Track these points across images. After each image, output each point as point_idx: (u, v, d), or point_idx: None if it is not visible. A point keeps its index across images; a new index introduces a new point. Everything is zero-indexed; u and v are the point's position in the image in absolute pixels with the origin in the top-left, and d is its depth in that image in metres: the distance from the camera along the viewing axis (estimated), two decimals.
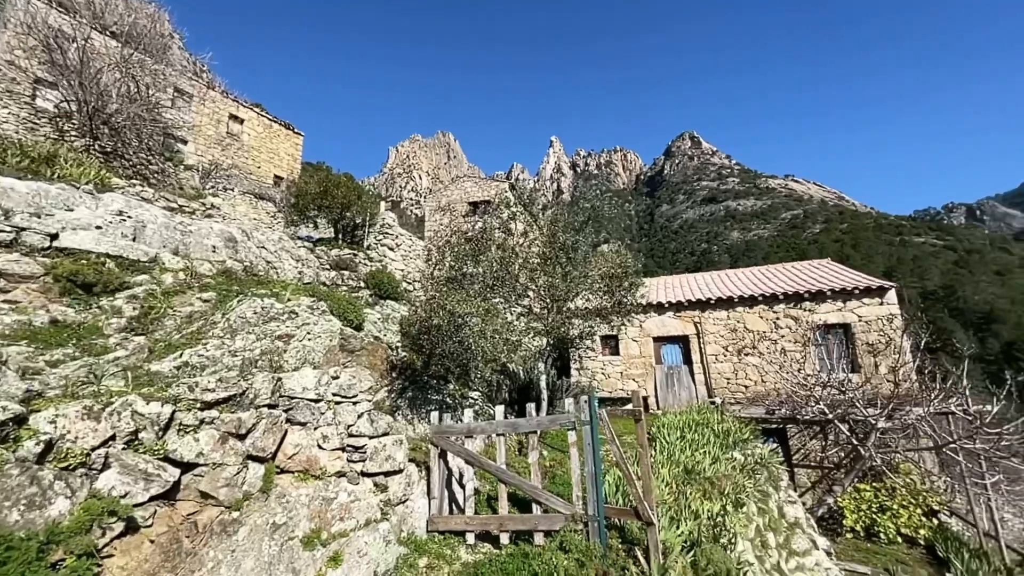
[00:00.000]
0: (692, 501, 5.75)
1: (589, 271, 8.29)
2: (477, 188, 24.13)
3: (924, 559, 9.84)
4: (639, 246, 50.29)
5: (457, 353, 7.05)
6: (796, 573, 6.60)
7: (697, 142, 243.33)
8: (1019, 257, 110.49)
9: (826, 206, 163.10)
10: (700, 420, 9.34)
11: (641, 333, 15.51)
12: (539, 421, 5.23)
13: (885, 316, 12.94)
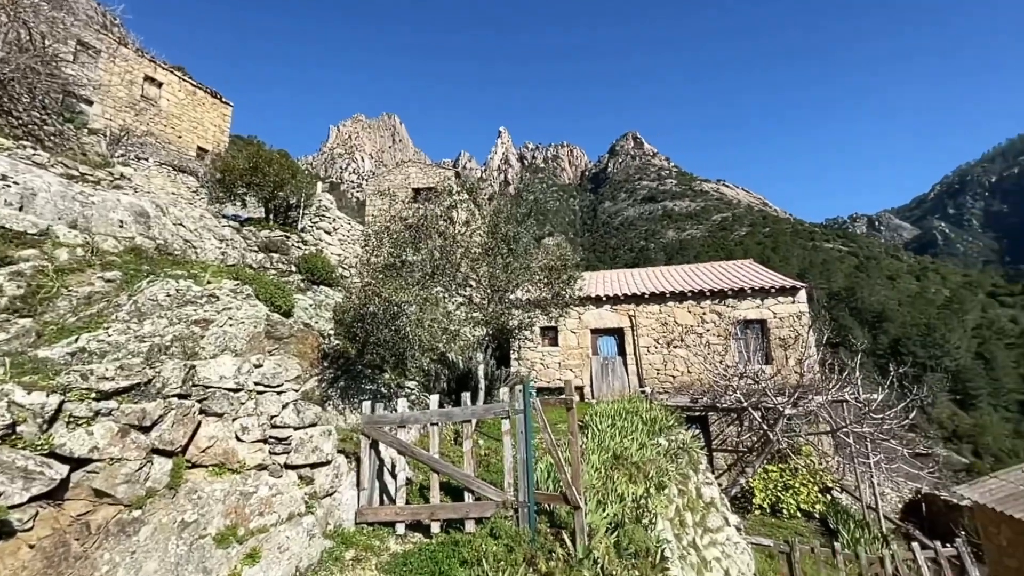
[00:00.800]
0: (618, 485, 6.02)
1: (530, 263, 8.39)
2: (422, 174, 23.59)
3: (818, 530, 11.02)
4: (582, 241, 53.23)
5: (393, 342, 6.89)
6: (710, 548, 7.14)
7: (640, 143, 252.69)
8: (907, 264, 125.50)
9: (752, 211, 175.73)
10: (630, 408, 9.77)
11: (580, 325, 15.97)
12: (474, 410, 5.24)
13: (796, 313, 14.22)
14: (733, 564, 7.29)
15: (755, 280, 15.50)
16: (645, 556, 4.69)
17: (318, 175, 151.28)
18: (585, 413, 9.79)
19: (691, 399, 13.10)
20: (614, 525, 5.07)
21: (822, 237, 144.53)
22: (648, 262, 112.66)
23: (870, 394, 10.90)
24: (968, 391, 71.76)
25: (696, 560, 6.36)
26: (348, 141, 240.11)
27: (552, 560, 4.32)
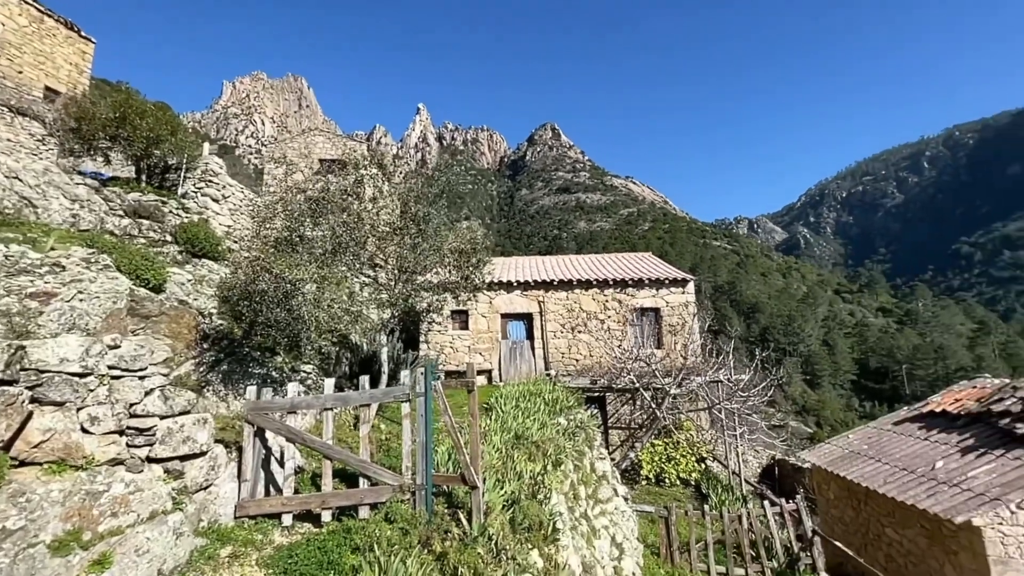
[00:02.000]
0: (518, 464, 6.22)
1: (441, 245, 8.23)
2: (331, 145, 22.04)
3: (694, 495, 12.40)
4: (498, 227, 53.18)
5: (287, 323, 6.38)
6: (599, 517, 7.69)
7: (557, 134, 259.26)
8: (776, 263, 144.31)
9: (655, 208, 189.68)
10: (534, 391, 10.13)
11: (491, 309, 16.14)
12: (372, 394, 5.06)
13: (685, 303, 15.67)
14: (619, 530, 7.94)
15: (652, 272, 16.78)
16: (538, 529, 4.91)
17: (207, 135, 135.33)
18: (491, 396, 9.96)
19: (591, 381, 13.94)
20: (511, 502, 5.23)
21: (711, 236, 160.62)
22: (560, 251, 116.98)
23: (740, 375, 12.48)
24: (815, 372, 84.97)
25: (586, 529, 6.82)
26: (245, 101, 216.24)
27: (448, 540, 4.35)
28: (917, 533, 9.23)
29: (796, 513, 9.11)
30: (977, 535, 7.74)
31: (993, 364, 73.69)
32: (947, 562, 8.50)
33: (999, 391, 10.82)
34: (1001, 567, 7.57)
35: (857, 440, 12.73)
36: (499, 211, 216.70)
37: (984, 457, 9.19)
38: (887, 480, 10.00)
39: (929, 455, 10.04)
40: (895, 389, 77.41)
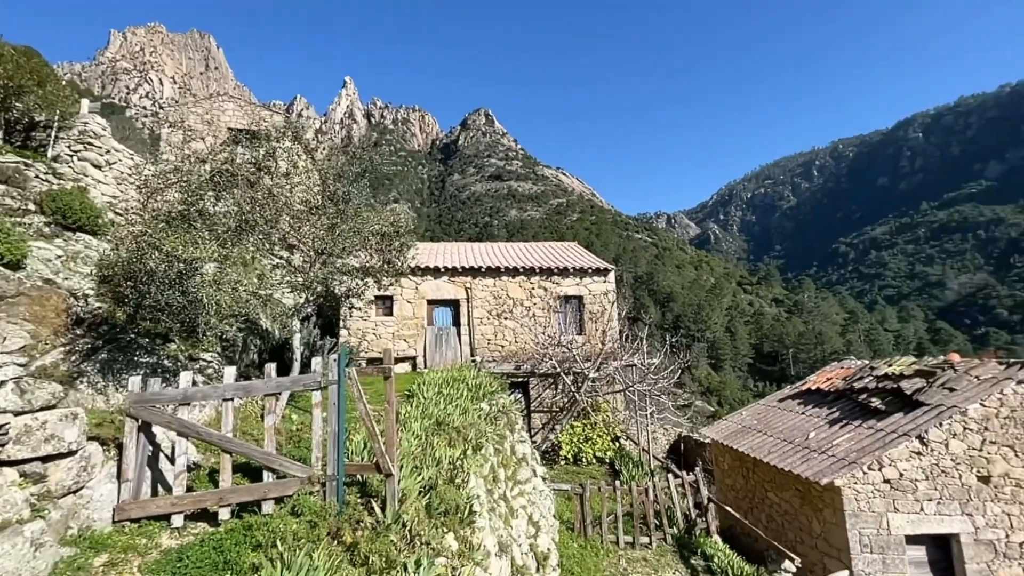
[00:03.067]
0: (437, 450, 6.20)
1: (362, 226, 7.85)
2: (242, 113, 20.11)
3: (608, 472, 13.16)
4: (428, 211, 51.93)
5: (181, 306, 5.76)
6: (518, 498, 7.92)
7: (491, 120, 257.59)
8: (690, 256, 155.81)
9: (583, 199, 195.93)
10: (458, 377, 10.12)
11: (416, 295, 15.81)
12: (280, 382, 4.75)
13: (606, 291, 16.42)
14: (536, 509, 8.24)
15: (577, 261, 17.36)
16: (455, 513, 4.94)
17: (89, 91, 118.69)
18: (413, 383, 9.81)
19: (515, 367, 14.22)
20: (428, 488, 5.21)
21: (634, 228, 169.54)
22: (491, 238, 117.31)
23: (652, 359, 13.40)
24: (719, 356, 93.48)
25: (505, 510, 6.99)
26: (139, 55, 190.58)
27: (360, 530, 4.24)
28: (792, 495, 10.54)
29: (695, 484, 10.02)
30: (838, 493, 8.99)
31: (859, 348, 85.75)
32: (814, 518, 9.80)
33: (859, 371, 12.58)
34: (854, 519, 8.85)
35: (748, 416, 14.23)
36: (430, 195, 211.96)
37: (846, 427, 10.65)
38: (771, 451, 11.29)
39: (804, 427, 11.45)
40: (783, 370, 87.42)
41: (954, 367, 10.42)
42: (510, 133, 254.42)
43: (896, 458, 8.92)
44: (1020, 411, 8.97)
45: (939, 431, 8.96)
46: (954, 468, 8.82)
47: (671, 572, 8.31)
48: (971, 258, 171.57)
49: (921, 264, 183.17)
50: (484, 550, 5.05)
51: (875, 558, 8.64)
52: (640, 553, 8.88)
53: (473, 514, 5.10)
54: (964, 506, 8.71)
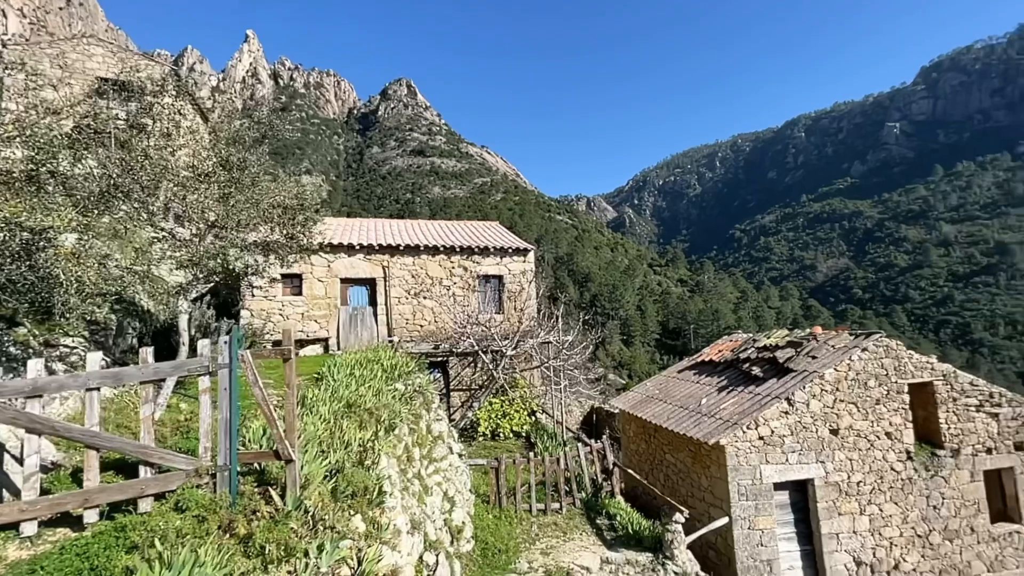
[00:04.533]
0: (347, 432, 6.00)
1: (260, 198, 7.17)
2: (115, 60, 17.34)
3: (524, 446, 13.65)
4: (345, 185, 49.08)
5: (30, 284, 4.90)
6: (433, 475, 7.96)
7: (413, 92, 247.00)
8: (607, 239, 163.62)
9: (507, 180, 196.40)
10: (372, 358, 9.82)
11: (329, 273, 14.98)
12: (158, 368, 4.26)
13: (525, 271, 16.74)
14: (452, 485, 8.35)
15: (498, 240, 17.45)
16: (363, 495, 4.84)
17: None
18: (323, 365, 9.37)
19: (434, 346, 14.11)
20: (335, 471, 5.05)
21: (556, 210, 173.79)
22: (413, 215, 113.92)
23: (567, 336, 14.01)
24: (630, 332, 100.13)
25: (419, 488, 6.99)
26: None
27: (256, 520, 4.01)
28: (686, 455, 11.70)
29: (602, 451, 10.76)
30: (722, 451, 10.13)
31: (748, 323, 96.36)
32: (703, 474, 10.97)
33: (744, 343, 14.13)
34: (734, 472, 10.02)
35: (651, 386, 15.46)
36: (347, 168, 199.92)
37: (731, 393, 11.95)
38: (669, 417, 12.38)
39: (698, 394, 12.68)
40: (685, 344, 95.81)
41: (816, 338, 12.09)
42: (434, 107, 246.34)
43: (769, 418, 10.23)
44: (863, 374, 10.68)
45: (803, 393, 10.40)
46: (812, 424, 10.32)
47: (579, 533, 8.90)
48: (837, 245, 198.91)
49: (799, 249, 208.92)
50: (394, 529, 5.02)
51: (749, 504, 9.93)
52: (551, 518, 9.40)
53: (383, 494, 5.04)
54: (818, 455, 10.25)
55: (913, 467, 10.48)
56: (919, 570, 10.21)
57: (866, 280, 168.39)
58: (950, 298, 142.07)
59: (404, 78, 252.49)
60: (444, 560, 6.42)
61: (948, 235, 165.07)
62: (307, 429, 5.66)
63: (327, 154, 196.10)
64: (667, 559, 7.62)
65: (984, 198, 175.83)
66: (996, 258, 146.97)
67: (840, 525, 10.14)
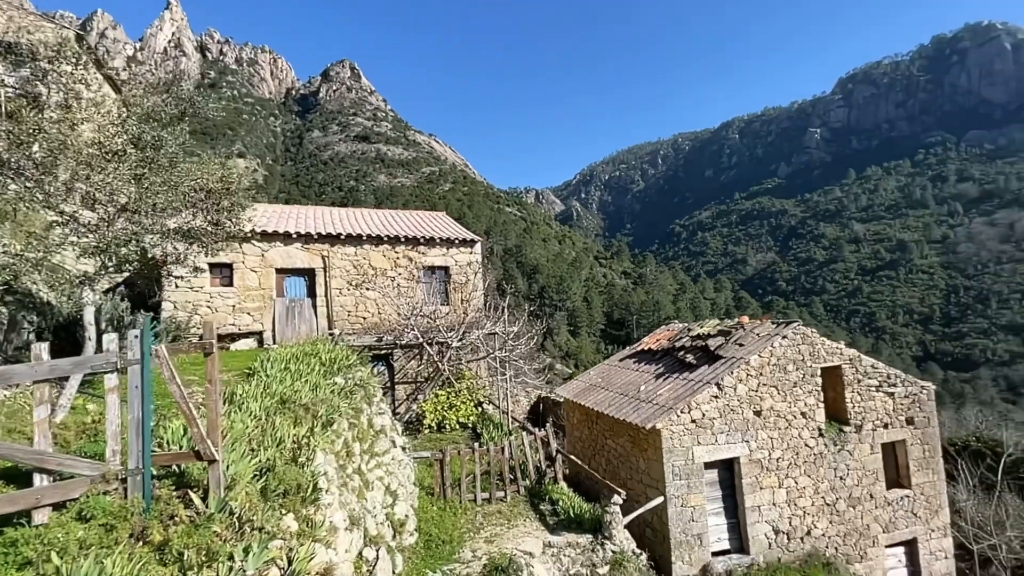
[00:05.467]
0: (280, 429, 5.72)
1: (179, 180, 6.60)
2: (5, 19, 15.21)
3: (471, 437, 13.65)
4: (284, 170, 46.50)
5: None
6: (375, 470, 7.79)
7: (357, 75, 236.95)
8: (555, 231, 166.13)
9: (456, 170, 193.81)
10: (310, 351, 9.42)
11: (263, 263, 14.14)
12: (55, 366, 3.83)
13: (471, 262, 16.65)
14: (395, 479, 8.22)
15: (444, 231, 17.21)
16: (296, 493, 4.65)
17: None
18: (255, 359, 8.87)
19: (377, 338, 13.74)
20: (265, 470, 4.81)
21: (505, 202, 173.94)
22: (358, 203, 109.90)
23: (513, 327, 14.12)
24: (577, 323, 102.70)
25: (359, 484, 6.82)
26: None
27: (174, 525, 3.74)
28: (626, 440, 12.20)
29: (546, 439, 10.99)
30: (658, 435, 10.65)
31: (686, 314, 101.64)
32: (641, 457, 11.49)
33: (680, 332, 14.87)
34: (669, 454, 10.56)
35: (595, 375, 15.96)
36: (285, 152, 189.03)
37: (667, 380, 12.56)
38: (610, 404, 12.84)
39: (637, 382, 13.22)
40: (628, 334, 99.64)
41: (744, 327, 12.95)
42: (379, 92, 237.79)
43: (701, 402, 10.88)
44: (783, 360, 11.58)
45: (731, 378, 11.13)
46: (739, 406, 11.09)
47: (523, 519, 9.07)
48: (765, 241, 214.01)
49: (732, 244, 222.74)
50: (330, 526, 4.87)
51: (682, 483, 10.55)
52: (496, 507, 9.50)
53: (318, 491, 4.87)
54: (744, 435, 11.05)
55: (824, 443, 11.55)
56: (827, 534, 11.31)
57: (789, 273, 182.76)
58: (859, 290, 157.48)
59: (347, 60, 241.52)
60: (385, 554, 6.32)
61: (858, 233, 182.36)
62: (235, 427, 5.34)
63: (263, 136, 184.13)
64: (606, 539, 7.95)
65: (888, 200, 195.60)
66: (897, 254, 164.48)
67: (762, 498, 11.01)
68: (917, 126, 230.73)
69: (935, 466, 12.40)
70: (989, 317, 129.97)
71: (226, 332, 13.19)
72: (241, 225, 7.74)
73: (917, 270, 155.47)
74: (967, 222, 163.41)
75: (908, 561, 12.09)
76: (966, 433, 17.28)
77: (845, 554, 11.28)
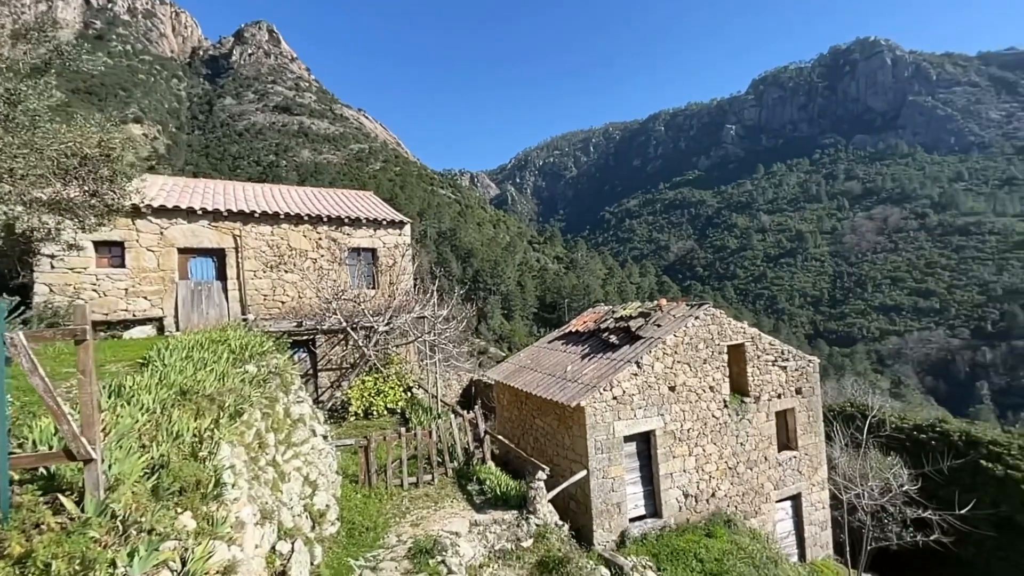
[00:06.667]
0: (178, 423, 5.24)
1: (45, 144, 5.67)
2: None
3: (399, 423, 13.42)
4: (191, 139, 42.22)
5: None
6: (292, 460, 7.43)
7: (276, 39, 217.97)
8: (489, 215, 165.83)
9: (387, 148, 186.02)
10: (218, 338, 8.69)
11: (162, 242, 12.74)
12: None
13: (401, 244, 16.16)
14: (315, 469, 7.89)
15: (371, 211, 16.50)
16: (195, 489, 4.30)
17: None
18: (152, 347, 8.02)
19: (297, 324, 12.99)
20: (159, 467, 4.39)
21: (439, 184, 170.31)
22: (279, 180, 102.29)
23: (442, 310, 13.97)
24: (511, 307, 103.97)
25: (273, 476, 6.46)
26: None
27: (39, 534, 3.30)
28: (553, 418, 12.60)
29: (474, 420, 11.08)
30: (583, 412, 11.10)
31: (614, 297, 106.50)
32: (566, 434, 11.93)
33: (605, 315, 15.51)
34: (592, 430, 11.05)
35: (524, 357, 16.27)
36: (192, 119, 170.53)
37: (592, 360, 13.08)
38: (538, 384, 13.17)
39: (564, 362, 13.65)
40: (560, 318, 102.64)
41: (662, 309, 13.78)
42: (302, 60, 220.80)
43: (622, 380, 11.48)
44: (695, 339, 12.49)
45: (649, 357, 11.83)
46: (656, 383, 11.84)
47: (450, 501, 9.11)
48: (685, 229, 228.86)
49: (656, 232, 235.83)
50: (236, 521, 4.57)
51: (604, 456, 11.13)
52: (423, 490, 9.46)
53: (221, 486, 4.54)
54: (659, 409, 11.84)
55: (728, 413, 12.69)
56: (729, 495, 12.53)
57: (706, 260, 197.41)
58: (764, 275, 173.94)
59: (264, 21, 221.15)
60: (302, 547, 6.07)
61: (765, 224, 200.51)
62: (121, 422, 4.80)
63: (164, 100, 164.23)
64: (530, 514, 8.21)
65: (790, 194, 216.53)
66: (796, 243, 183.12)
67: (674, 466, 11.92)
68: (815, 128, 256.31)
69: (817, 429, 14.13)
70: (866, 299, 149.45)
71: (117, 319, 11.79)
72: (125, 197, 6.85)
73: (811, 258, 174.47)
74: (852, 216, 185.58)
75: (793, 513, 13.75)
76: (843, 400, 19.83)
77: (743, 511, 12.58)
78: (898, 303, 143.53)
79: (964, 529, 12.33)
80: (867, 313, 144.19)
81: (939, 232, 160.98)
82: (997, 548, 13.71)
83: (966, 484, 14.06)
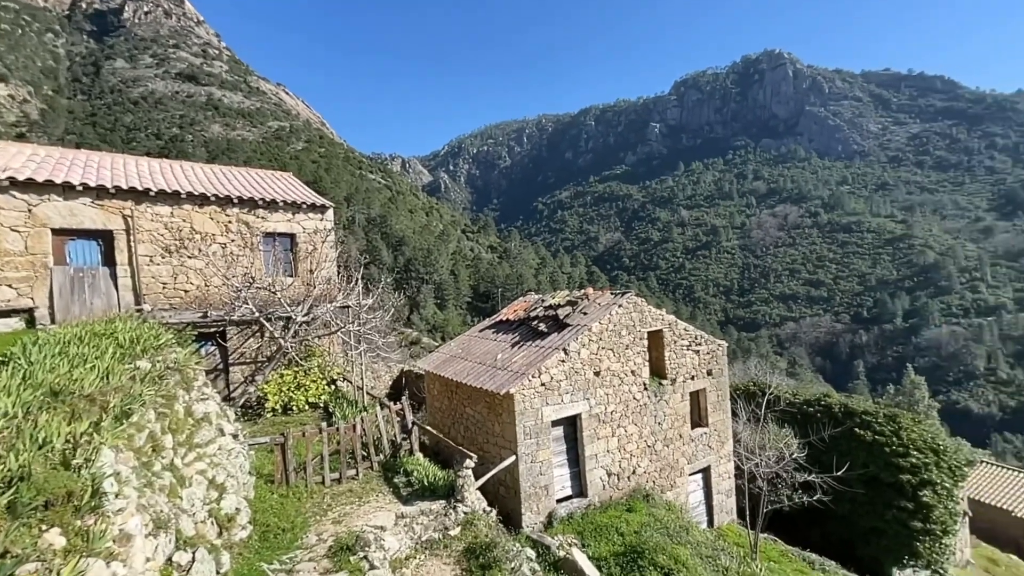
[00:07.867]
0: (45, 428, 4.55)
1: None
2: None
3: (321, 417, 12.75)
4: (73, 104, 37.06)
5: None
6: (195, 463, 6.78)
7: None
8: (422, 202, 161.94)
9: (310, 127, 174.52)
10: (103, 331, 7.70)
11: (31, 221, 11.00)
12: None
13: (323, 229, 15.23)
14: (222, 471, 7.27)
15: (289, 194, 15.37)
16: (66, 502, 3.77)
17: None
18: (17, 343, 6.91)
19: (203, 314, 11.84)
20: (17, 479, 3.78)
21: (368, 168, 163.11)
22: (184, 156, 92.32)
23: (367, 299, 13.40)
24: (444, 296, 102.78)
25: (171, 481, 5.85)
26: None
27: None
28: (483, 407, 12.62)
29: (401, 412, 10.81)
30: (512, 399, 11.21)
31: (546, 287, 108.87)
32: (496, 421, 12.01)
33: (535, 303, 15.73)
34: (521, 416, 11.21)
35: (455, 346, 16.12)
36: (74, 82, 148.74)
37: (522, 348, 13.23)
38: (468, 373, 13.11)
39: (494, 351, 13.69)
40: (494, 307, 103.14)
41: (588, 297, 14.23)
42: (210, 24, 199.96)
43: (550, 366, 11.74)
44: (618, 326, 13.05)
45: (576, 344, 12.19)
46: (582, 368, 12.24)
47: (375, 495, 8.84)
48: (613, 221, 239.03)
49: (587, 223, 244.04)
50: (120, 534, 4.08)
51: (532, 441, 11.36)
52: (347, 486, 9.09)
53: (100, 496, 4.01)
54: (585, 393, 12.27)
55: (647, 395, 13.46)
56: (648, 471, 13.35)
57: (632, 251, 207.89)
58: (683, 266, 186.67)
59: None
60: (206, 555, 5.57)
61: (685, 218, 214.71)
62: None
63: (36, 57, 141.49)
64: (458, 503, 8.18)
65: (707, 191, 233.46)
66: (711, 237, 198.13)
67: (598, 447, 12.46)
68: (729, 131, 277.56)
69: (725, 407, 15.44)
70: (768, 289, 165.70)
71: None
72: None
73: (724, 251, 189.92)
74: (758, 213, 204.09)
75: (704, 484, 14.98)
76: (747, 380, 21.84)
77: (660, 485, 13.47)
78: (795, 292, 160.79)
79: (840, 489, 14.14)
80: (770, 301, 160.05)
81: (828, 229, 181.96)
82: (866, 502, 15.92)
83: (843, 449, 16.10)
